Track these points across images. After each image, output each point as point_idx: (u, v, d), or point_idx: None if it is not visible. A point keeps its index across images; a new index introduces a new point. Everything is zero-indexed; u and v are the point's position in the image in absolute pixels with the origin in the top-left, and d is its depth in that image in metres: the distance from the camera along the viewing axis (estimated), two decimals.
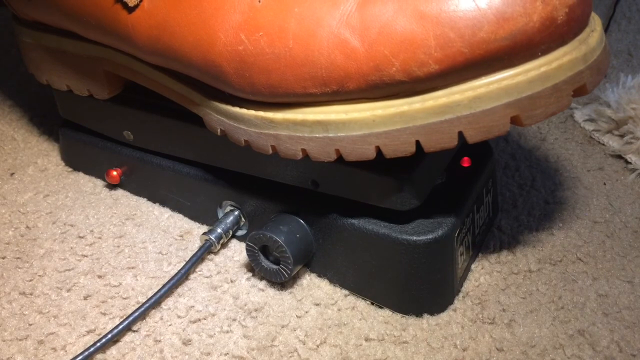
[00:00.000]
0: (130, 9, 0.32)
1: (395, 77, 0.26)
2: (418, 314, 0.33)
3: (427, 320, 0.33)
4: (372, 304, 0.34)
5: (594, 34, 0.28)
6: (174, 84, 0.34)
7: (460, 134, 0.27)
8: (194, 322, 0.33)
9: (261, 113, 0.30)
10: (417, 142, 0.27)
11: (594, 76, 0.27)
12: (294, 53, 0.28)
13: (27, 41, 0.42)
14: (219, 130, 0.32)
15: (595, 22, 0.28)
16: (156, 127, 0.38)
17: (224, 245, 0.38)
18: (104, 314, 0.34)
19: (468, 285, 0.35)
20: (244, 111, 0.30)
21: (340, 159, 0.29)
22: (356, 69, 0.27)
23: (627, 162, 0.44)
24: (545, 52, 0.26)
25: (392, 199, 0.31)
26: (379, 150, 0.28)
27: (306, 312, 0.34)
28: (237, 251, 0.38)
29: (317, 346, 0.32)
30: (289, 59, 0.28)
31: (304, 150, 0.30)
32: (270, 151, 0.31)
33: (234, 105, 0.31)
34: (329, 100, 0.28)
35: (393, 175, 0.30)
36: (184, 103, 0.34)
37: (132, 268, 0.37)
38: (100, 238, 0.39)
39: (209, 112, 0.33)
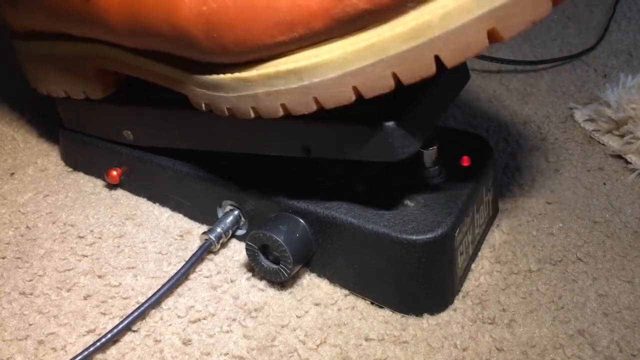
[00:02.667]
0: None
1: (359, 6, 0.25)
2: (418, 313, 0.33)
3: (427, 320, 0.33)
4: (372, 303, 0.34)
5: None
6: (156, 66, 0.34)
7: (437, 58, 0.26)
8: (194, 322, 0.33)
9: (236, 74, 0.30)
10: (395, 76, 0.26)
11: None
12: (255, 2, 0.27)
13: (24, 53, 0.42)
14: (202, 104, 0.32)
15: None
16: (153, 120, 0.38)
17: (223, 245, 0.38)
18: (104, 314, 0.34)
19: (468, 285, 0.35)
20: (220, 77, 0.30)
21: (320, 108, 0.28)
22: (319, 5, 0.26)
23: (627, 162, 0.44)
24: None
25: (385, 148, 0.30)
26: (357, 92, 0.27)
27: (306, 312, 0.34)
28: (237, 251, 0.38)
29: (317, 346, 0.32)
30: (252, 8, 0.27)
31: (283, 106, 0.29)
32: (252, 114, 0.30)
33: (211, 73, 0.31)
34: (299, 47, 0.28)
35: (383, 121, 0.30)
36: (169, 84, 0.34)
37: (132, 268, 0.37)
38: (100, 238, 0.39)
39: (191, 88, 0.32)
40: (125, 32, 0.32)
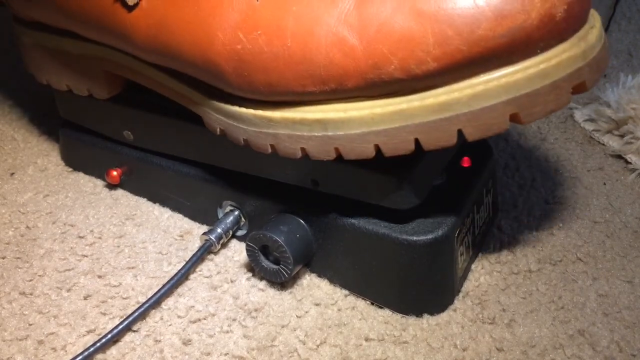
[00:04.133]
0: (130, 8, 0.32)
1: (393, 75, 0.26)
2: (418, 314, 0.33)
3: (427, 320, 0.33)
4: (372, 304, 0.34)
5: (593, 30, 0.27)
6: (173, 83, 0.34)
7: (460, 131, 0.27)
8: (194, 322, 0.33)
9: (260, 112, 0.30)
10: (416, 141, 0.27)
11: (594, 73, 0.27)
12: (292, 51, 0.28)
13: (27, 41, 0.42)
14: (218, 129, 0.32)
15: (595, 19, 0.28)
16: (156, 127, 0.38)
17: (224, 245, 0.38)
18: (104, 314, 0.34)
19: (468, 285, 0.35)
20: (242, 110, 0.30)
21: (339, 157, 0.29)
22: (354, 67, 0.27)
23: (627, 162, 0.44)
24: (544, 49, 0.26)
25: (391, 197, 0.31)
26: (378, 149, 0.28)
27: (306, 312, 0.34)
28: (237, 251, 0.38)
29: (317, 346, 0.32)
30: (287, 57, 0.28)
31: (303, 149, 0.30)
32: (270, 150, 0.30)
33: (233, 104, 0.31)
34: (327, 98, 0.28)
35: (393, 173, 0.30)
36: (184, 102, 0.34)
37: (132, 268, 0.37)
38: (100, 238, 0.39)
39: (208, 112, 0.32)
40: (150, 50, 0.32)
